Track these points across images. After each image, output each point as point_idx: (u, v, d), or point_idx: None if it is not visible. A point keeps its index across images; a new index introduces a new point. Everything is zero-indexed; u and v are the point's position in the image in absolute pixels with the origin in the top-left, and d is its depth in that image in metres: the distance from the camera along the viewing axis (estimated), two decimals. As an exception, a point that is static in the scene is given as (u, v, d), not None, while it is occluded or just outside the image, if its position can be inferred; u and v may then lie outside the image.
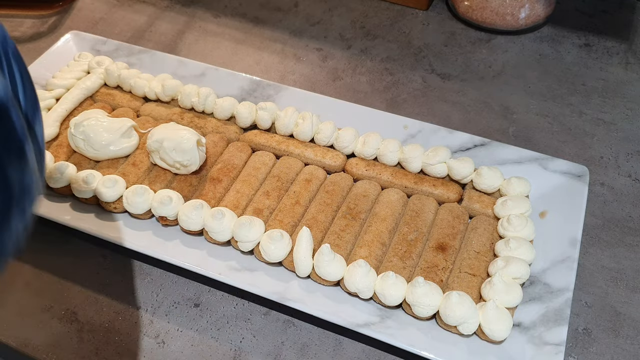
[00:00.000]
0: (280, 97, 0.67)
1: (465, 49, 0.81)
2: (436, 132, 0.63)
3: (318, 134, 0.63)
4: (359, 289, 0.50)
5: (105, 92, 0.69)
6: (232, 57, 0.80)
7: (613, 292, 0.55)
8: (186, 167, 0.58)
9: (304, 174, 0.60)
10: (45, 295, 0.55)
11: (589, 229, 0.59)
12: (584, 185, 0.57)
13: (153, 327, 0.53)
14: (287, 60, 0.80)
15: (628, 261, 0.57)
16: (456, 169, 0.59)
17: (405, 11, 0.87)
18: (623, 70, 0.77)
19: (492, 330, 0.47)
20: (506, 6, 0.79)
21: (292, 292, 0.51)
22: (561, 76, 0.77)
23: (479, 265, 0.52)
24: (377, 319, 0.49)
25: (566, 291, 0.50)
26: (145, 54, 0.73)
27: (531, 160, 0.60)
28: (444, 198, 0.59)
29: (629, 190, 0.63)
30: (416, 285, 0.48)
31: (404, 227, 0.56)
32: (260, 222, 0.54)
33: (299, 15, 0.87)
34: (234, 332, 0.52)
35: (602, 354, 0.51)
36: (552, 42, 0.81)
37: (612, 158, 0.67)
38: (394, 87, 0.76)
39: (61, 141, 0.62)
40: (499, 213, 0.56)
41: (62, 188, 0.58)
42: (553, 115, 0.71)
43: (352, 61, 0.79)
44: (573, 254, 0.52)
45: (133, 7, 0.89)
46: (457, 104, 0.73)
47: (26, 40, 0.82)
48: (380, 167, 0.61)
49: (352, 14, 0.87)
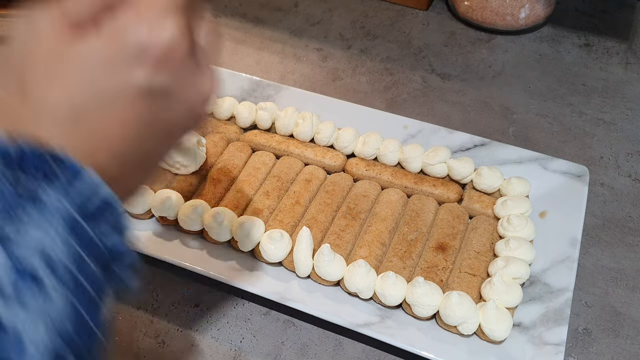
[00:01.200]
0: (280, 97, 0.67)
1: (465, 49, 0.81)
2: (436, 132, 0.63)
3: (318, 134, 0.63)
4: (359, 289, 0.50)
5: (105, 92, 0.69)
6: (232, 57, 0.80)
7: (613, 292, 0.55)
8: (186, 167, 0.58)
9: (304, 174, 0.60)
10: (45, 295, 0.55)
11: (589, 229, 0.59)
12: (584, 185, 0.57)
13: (153, 327, 0.53)
14: (287, 60, 0.80)
15: (628, 261, 0.57)
16: (456, 169, 0.59)
17: (405, 11, 0.87)
18: (623, 70, 0.77)
19: (492, 330, 0.47)
20: (506, 6, 0.79)
21: (292, 292, 0.51)
22: (561, 76, 0.77)
23: (479, 265, 0.52)
24: (377, 319, 0.49)
25: (566, 291, 0.50)
26: (145, 54, 0.73)
27: (531, 160, 0.60)
28: (444, 198, 0.59)
29: (629, 190, 0.63)
30: (416, 285, 0.48)
31: (404, 227, 0.56)
32: (260, 222, 0.54)
33: (299, 15, 0.87)
34: (234, 332, 0.52)
35: (602, 354, 0.51)
36: (552, 42, 0.81)
37: (612, 158, 0.67)
38: (394, 87, 0.76)
39: (61, 141, 0.62)
40: (499, 213, 0.56)
41: (62, 188, 0.58)
42: (553, 115, 0.71)
43: (352, 61, 0.79)
44: (573, 254, 0.52)
45: (133, 7, 0.89)
46: (457, 104, 0.73)
47: (26, 40, 0.82)
48: (380, 167, 0.61)
49: (352, 14, 0.87)
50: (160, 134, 0.28)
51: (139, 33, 0.24)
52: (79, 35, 0.24)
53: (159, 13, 0.24)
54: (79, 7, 0.24)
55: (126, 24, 0.24)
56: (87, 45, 0.24)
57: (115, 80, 0.24)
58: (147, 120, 0.26)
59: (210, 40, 0.28)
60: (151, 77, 0.25)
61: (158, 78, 0.25)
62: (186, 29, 0.26)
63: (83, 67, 0.24)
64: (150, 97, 0.25)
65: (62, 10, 0.24)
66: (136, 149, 0.27)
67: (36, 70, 0.24)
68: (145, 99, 0.25)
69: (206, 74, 0.28)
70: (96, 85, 0.24)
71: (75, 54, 0.24)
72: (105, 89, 0.25)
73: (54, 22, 0.24)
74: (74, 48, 0.24)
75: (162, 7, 0.25)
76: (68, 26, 0.24)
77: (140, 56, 0.24)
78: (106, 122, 0.25)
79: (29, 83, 0.24)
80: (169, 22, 0.25)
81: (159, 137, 0.28)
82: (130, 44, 0.24)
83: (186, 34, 0.26)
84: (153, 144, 0.28)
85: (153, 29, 0.24)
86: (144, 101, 0.25)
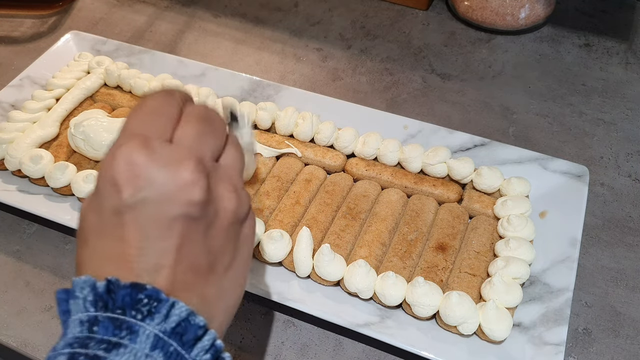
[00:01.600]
0: (280, 97, 0.67)
1: (465, 49, 0.81)
2: (436, 132, 0.63)
3: (318, 134, 0.63)
4: (359, 289, 0.50)
5: (105, 92, 0.69)
6: (232, 57, 0.80)
7: (613, 292, 0.55)
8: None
9: (304, 174, 0.60)
10: (45, 295, 0.55)
11: (589, 229, 0.59)
12: (584, 185, 0.57)
13: (153, 327, 0.53)
14: (287, 60, 0.80)
15: (628, 261, 0.57)
16: (456, 169, 0.59)
17: (405, 11, 0.87)
18: (623, 70, 0.77)
19: (492, 330, 0.47)
20: (506, 6, 0.79)
21: (292, 292, 0.51)
22: (561, 76, 0.77)
23: (479, 265, 0.52)
24: (377, 319, 0.49)
25: (566, 291, 0.50)
26: (145, 54, 0.73)
27: (531, 160, 0.60)
28: (444, 198, 0.59)
29: (629, 190, 0.63)
30: (416, 285, 0.48)
31: (404, 227, 0.56)
32: (260, 222, 0.54)
33: (299, 15, 0.87)
34: (234, 332, 0.52)
35: (602, 354, 0.51)
36: (552, 42, 0.81)
37: (612, 158, 0.67)
38: (394, 87, 0.76)
39: (61, 141, 0.62)
40: (499, 213, 0.56)
41: (62, 188, 0.58)
42: (553, 115, 0.71)
43: (352, 61, 0.79)
44: (573, 254, 0.52)
45: (133, 7, 0.89)
46: (457, 104, 0.73)
47: (26, 40, 0.82)
48: (380, 167, 0.61)
49: (352, 14, 0.87)
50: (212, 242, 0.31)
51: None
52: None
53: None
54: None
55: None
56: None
57: (172, 211, 0.28)
58: (197, 236, 0.29)
59: (234, 160, 0.33)
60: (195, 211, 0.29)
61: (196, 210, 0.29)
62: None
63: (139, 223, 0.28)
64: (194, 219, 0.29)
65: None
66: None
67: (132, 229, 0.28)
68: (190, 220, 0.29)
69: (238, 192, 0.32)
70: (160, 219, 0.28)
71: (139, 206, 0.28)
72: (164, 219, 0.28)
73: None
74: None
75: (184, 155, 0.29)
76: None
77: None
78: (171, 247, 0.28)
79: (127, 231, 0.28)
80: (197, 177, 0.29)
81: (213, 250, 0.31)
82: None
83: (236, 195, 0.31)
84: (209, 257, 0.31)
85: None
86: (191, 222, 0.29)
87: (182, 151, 0.29)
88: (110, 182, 0.28)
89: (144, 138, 0.28)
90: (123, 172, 0.27)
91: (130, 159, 0.27)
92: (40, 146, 0.61)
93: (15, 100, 0.67)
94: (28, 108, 0.64)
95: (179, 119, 0.31)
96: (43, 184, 0.59)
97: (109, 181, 0.28)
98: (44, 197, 0.59)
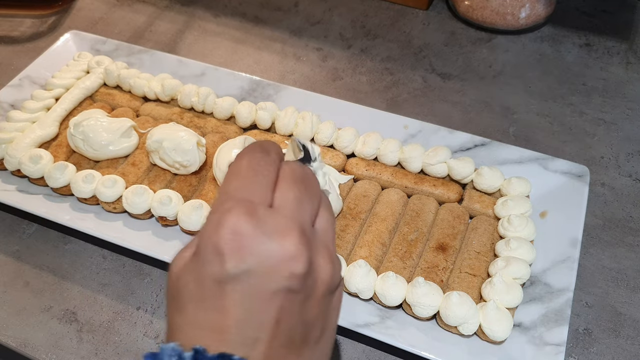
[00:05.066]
0: (280, 96, 0.67)
1: (465, 48, 0.81)
2: (436, 132, 0.63)
3: (318, 134, 0.62)
4: (359, 289, 0.50)
5: (104, 92, 0.69)
6: (232, 57, 0.80)
7: (614, 292, 0.55)
8: (186, 167, 0.58)
9: (304, 174, 0.60)
10: (45, 295, 0.55)
11: (589, 229, 0.59)
12: (585, 185, 0.57)
13: (153, 327, 0.53)
14: (287, 60, 0.80)
15: (629, 261, 0.57)
16: (456, 169, 0.58)
17: (405, 11, 0.87)
18: (623, 70, 0.77)
19: (492, 331, 0.47)
20: (506, 6, 0.79)
21: (292, 293, 0.51)
22: (561, 76, 0.76)
23: (479, 266, 0.52)
24: (377, 319, 0.49)
25: (567, 291, 0.50)
26: (144, 53, 0.73)
27: (531, 160, 0.60)
28: (444, 198, 0.59)
29: (630, 190, 0.63)
30: (416, 286, 0.48)
31: (404, 227, 0.56)
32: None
33: (299, 15, 0.87)
34: (234, 333, 0.52)
35: (603, 354, 0.51)
36: (552, 41, 0.81)
37: (612, 158, 0.67)
38: (394, 87, 0.76)
39: (61, 141, 0.62)
40: (499, 213, 0.56)
41: (62, 188, 0.57)
42: (553, 115, 0.71)
43: (352, 61, 0.79)
44: (573, 254, 0.52)
45: (133, 6, 0.89)
46: (458, 103, 0.73)
47: (26, 40, 0.82)
48: (380, 167, 0.61)
49: (352, 14, 0.87)
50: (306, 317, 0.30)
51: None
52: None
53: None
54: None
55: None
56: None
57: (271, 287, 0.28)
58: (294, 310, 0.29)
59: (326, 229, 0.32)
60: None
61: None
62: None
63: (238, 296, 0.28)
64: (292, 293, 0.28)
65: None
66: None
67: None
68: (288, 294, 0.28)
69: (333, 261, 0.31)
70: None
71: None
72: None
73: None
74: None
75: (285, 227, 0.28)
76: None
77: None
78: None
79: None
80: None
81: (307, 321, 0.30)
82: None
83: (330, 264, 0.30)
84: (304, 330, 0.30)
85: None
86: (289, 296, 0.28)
87: (285, 221, 0.28)
88: (214, 250, 0.27)
89: (249, 205, 0.28)
90: (229, 241, 0.27)
91: (237, 228, 0.27)
92: (40, 146, 0.61)
93: (14, 100, 0.67)
94: (27, 108, 0.64)
95: (277, 180, 0.30)
96: (42, 184, 0.59)
97: (214, 249, 0.27)
98: (44, 197, 0.59)
